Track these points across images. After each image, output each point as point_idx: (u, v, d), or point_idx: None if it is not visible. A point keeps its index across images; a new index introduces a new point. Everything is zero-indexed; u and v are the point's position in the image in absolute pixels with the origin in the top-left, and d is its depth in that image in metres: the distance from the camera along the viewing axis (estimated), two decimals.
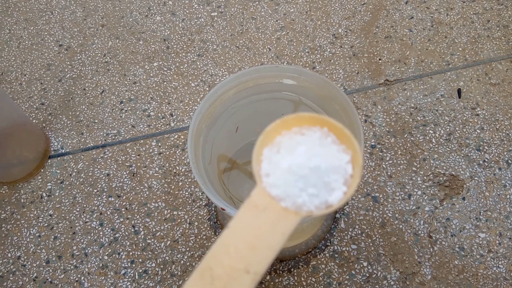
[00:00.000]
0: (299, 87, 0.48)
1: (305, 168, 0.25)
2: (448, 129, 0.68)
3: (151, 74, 0.76)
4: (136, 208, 0.64)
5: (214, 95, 0.47)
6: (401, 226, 0.61)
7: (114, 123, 0.71)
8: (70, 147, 0.70)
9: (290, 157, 0.25)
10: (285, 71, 0.47)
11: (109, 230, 0.63)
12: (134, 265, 0.60)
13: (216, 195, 0.42)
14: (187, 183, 0.65)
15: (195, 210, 0.63)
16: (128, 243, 0.61)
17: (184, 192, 0.65)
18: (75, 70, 0.77)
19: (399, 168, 0.65)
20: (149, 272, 0.60)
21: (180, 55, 0.78)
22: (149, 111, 0.72)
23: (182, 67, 0.76)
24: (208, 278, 0.23)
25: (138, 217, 0.63)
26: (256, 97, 0.50)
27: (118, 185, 0.66)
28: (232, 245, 0.24)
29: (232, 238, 0.24)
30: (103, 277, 0.60)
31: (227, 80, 0.47)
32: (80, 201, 0.65)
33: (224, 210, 0.40)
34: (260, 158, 0.26)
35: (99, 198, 0.65)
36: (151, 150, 0.68)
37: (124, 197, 0.65)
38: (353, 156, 0.26)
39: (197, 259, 0.60)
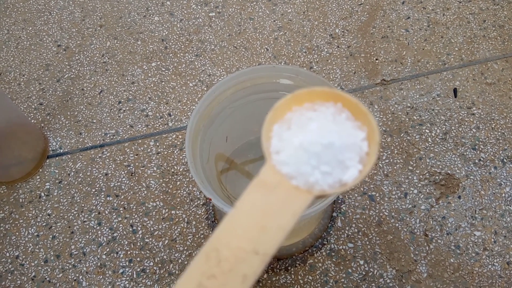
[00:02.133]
0: (296, 87, 0.49)
1: (318, 145, 0.23)
2: (444, 128, 0.68)
3: (149, 74, 0.76)
4: (134, 207, 0.64)
5: (212, 95, 0.47)
6: (397, 225, 0.61)
7: (112, 123, 0.72)
8: (68, 147, 0.70)
9: (301, 133, 0.24)
10: (282, 71, 0.48)
11: (107, 230, 0.63)
12: (132, 264, 0.60)
13: (215, 195, 0.42)
14: (185, 183, 0.66)
15: (193, 209, 0.64)
16: (126, 242, 0.62)
17: (182, 191, 0.65)
18: (73, 70, 0.77)
19: (395, 167, 0.66)
20: (147, 271, 0.60)
21: (178, 55, 0.78)
22: (147, 111, 0.73)
23: (180, 67, 0.77)
24: (214, 260, 0.22)
25: (136, 216, 0.64)
26: (254, 97, 0.51)
27: (116, 184, 0.66)
28: (239, 225, 0.23)
29: (239, 218, 0.23)
30: (101, 276, 0.60)
31: (224, 80, 0.47)
32: (78, 200, 0.65)
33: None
34: (269, 135, 0.25)
35: (97, 198, 0.65)
36: (149, 150, 0.69)
37: (122, 197, 0.65)
38: (369, 133, 0.24)
39: None
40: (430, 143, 0.67)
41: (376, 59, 0.76)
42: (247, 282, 0.22)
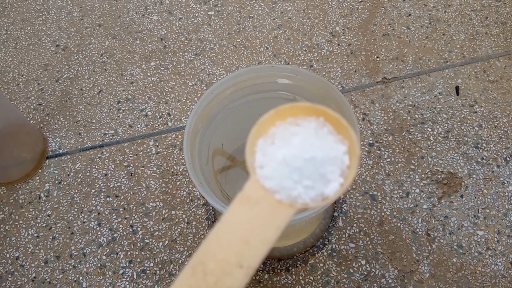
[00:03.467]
0: (295, 87, 0.48)
1: (300, 160, 0.24)
2: (446, 127, 0.68)
3: (148, 74, 0.76)
4: (134, 208, 0.64)
5: (210, 95, 0.47)
6: (399, 224, 0.61)
7: (112, 123, 0.71)
8: (67, 147, 0.70)
9: (284, 148, 0.24)
10: (281, 71, 0.47)
11: (107, 230, 0.63)
12: (132, 265, 0.60)
13: (213, 196, 0.42)
14: (185, 183, 0.65)
15: (193, 210, 0.63)
16: (126, 243, 0.62)
17: (182, 191, 0.65)
18: (72, 70, 0.77)
19: (397, 166, 0.65)
20: (148, 271, 0.60)
21: (177, 54, 0.78)
22: (146, 110, 0.72)
23: (179, 66, 0.76)
24: (200, 273, 0.23)
25: (136, 217, 0.63)
26: (253, 97, 0.50)
27: (116, 185, 0.66)
28: (224, 239, 0.24)
29: (224, 232, 0.24)
30: (101, 277, 0.60)
31: (223, 80, 0.47)
32: (78, 201, 0.65)
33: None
34: (254, 149, 0.26)
35: (97, 198, 0.65)
36: (148, 150, 0.68)
37: (122, 197, 0.65)
38: (350, 146, 0.25)
39: None
40: (432, 141, 0.67)
41: (377, 57, 0.75)
42: None
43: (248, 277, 0.23)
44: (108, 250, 0.61)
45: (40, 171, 0.68)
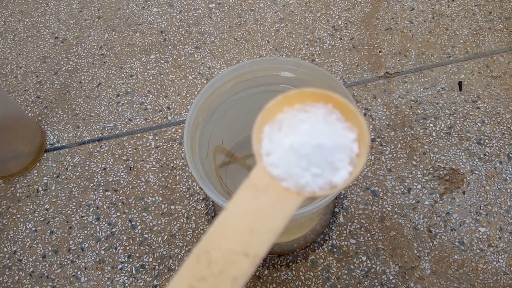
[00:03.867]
0: (298, 80, 0.47)
1: (308, 147, 0.23)
2: (448, 123, 0.67)
3: (148, 67, 0.75)
4: (133, 202, 0.63)
5: (211, 88, 0.46)
6: (400, 221, 0.60)
7: (111, 117, 0.70)
8: (66, 140, 0.69)
9: (292, 135, 0.24)
10: (284, 64, 0.46)
11: (105, 225, 0.62)
12: (131, 260, 0.60)
13: (213, 190, 0.41)
14: (185, 177, 0.65)
15: (192, 205, 0.63)
16: (125, 238, 0.61)
17: (181, 186, 0.64)
18: (71, 63, 0.76)
19: (398, 162, 0.64)
20: (146, 266, 0.59)
21: (178, 47, 0.77)
22: (146, 104, 0.71)
23: (179, 59, 0.75)
24: (205, 262, 0.22)
25: (135, 211, 0.63)
26: (254, 90, 0.50)
27: (114, 179, 0.65)
28: (230, 228, 0.23)
29: (230, 220, 0.23)
30: (100, 272, 0.59)
31: (224, 73, 0.46)
32: (77, 195, 0.64)
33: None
34: (260, 136, 0.25)
35: (96, 192, 0.64)
36: (148, 144, 0.68)
37: (121, 191, 0.64)
38: (359, 134, 0.24)
39: None
40: (434, 137, 0.66)
41: (380, 52, 0.74)
42: (237, 284, 0.22)
43: (254, 266, 0.22)
44: (106, 245, 0.61)
45: (38, 164, 0.67)
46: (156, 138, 0.68)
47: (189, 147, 0.42)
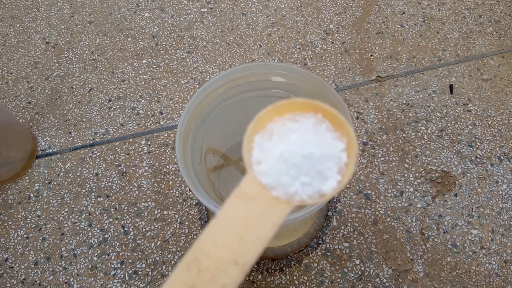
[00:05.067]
0: (289, 85, 0.47)
1: (298, 156, 0.23)
2: (440, 125, 0.67)
3: (140, 72, 0.75)
4: (126, 208, 0.63)
5: (203, 94, 0.46)
6: (393, 223, 0.61)
7: (103, 122, 0.70)
8: (57, 146, 0.68)
9: (282, 144, 0.24)
10: (275, 69, 0.47)
11: (98, 231, 0.62)
12: (124, 266, 0.59)
13: (206, 196, 0.41)
14: (177, 182, 0.64)
15: (185, 210, 0.63)
16: (117, 244, 0.61)
17: (174, 191, 0.64)
18: (62, 68, 0.76)
19: (391, 165, 0.65)
20: (139, 273, 0.59)
21: (170, 52, 0.77)
22: (138, 109, 0.71)
23: (171, 64, 0.75)
24: (195, 270, 0.22)
25: (127, 217, 0.62)
26: (246, 95, 0.50)
27: (107, 185, 0.65)
28: (220, 236, 0.23)
29: (220, 228, 0.23)
30: (92, 278, 0.59)
31: (216, 78, 0.46)
32: (68, 201, 0.64)
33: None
34: (251, 145, 0.25)
35: (88, 198, 0.64)
36: (140, 149, 0.67)
37: (113, 197, 0.64)
38: (348, 143, 0.25)
39: None
40: (426, 140, 0.66)
41: (371, 55, 0.75)
42: None
43: (243, 274, 0.22)
44: (99, 251, 0.60)
45: (29, 170, 0.66)
46: (149, 143, 0.68)
47: (181, 153, 0.42)
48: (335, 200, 0.63)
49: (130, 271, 0.59)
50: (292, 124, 0.25)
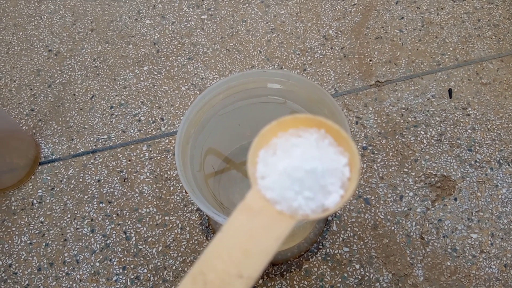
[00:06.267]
0: (287, 91, 0.48)
1: (301, 171, 0.24)
2: (439, 130, 0.68)
3: (141, 78, 0.75)
4: (128, 213, 0.64)
5: (202, 101, 0.47)
6: (393, 228, 0.61)
7: (105, 128, 0.71)
8: (60, 153, 0.69)
9: (286, 159, 0.25)
10: (273, 76, 0.47)
11: (100, 237, 0.62)
12: (126, 271, 0.60)
13: (205, 202, 0.42)
14: (179, 188, 0.65)
15: (186, 215, 0.63)
16: (119, 249, 0.61)
17: (175, 197, 0.64)
18: (64, 75, 0.77)
19: (390, 170, 0.65)
20: (141, 278, 0.59)
21: (170, 58, 0.77)
22: (139, 115, 0.72)
23: (172, 70, 0.76)
24: (200, 283, 0.23)
25: (129, 223, 0.63)
26: (245, 102, 0.50)
27: (109, 191, 0.65)
28: (225, 249, 0.24)
29: (225, 242, 0.24)
30: (95, 284, 0.59)
31: (215, 86, 0.47)
32: (71, 207, 0.65)
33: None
34: (255, 160, 0.26)
35: (90, 204, 0.65)
36: (142, 155, 0.68)
37: (115, 203, 0.64)
38: (351, 158, 0.25)
39: (189, 264, 0.60)
40: (425, 144, 0.67)
41: (370, 60, 0.75)
42: None
43: (248, 287, 0.23)
44: (101, 257, 0.61)
45: (32, 177, 0.67)
46: (150, 149, 0.69)
47: (180, 161, 0.43)
48: None
49: (132, 277, 0.59)
50: (296, 139, 0.26)
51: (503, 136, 0.67)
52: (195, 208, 0.63)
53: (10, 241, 0.63)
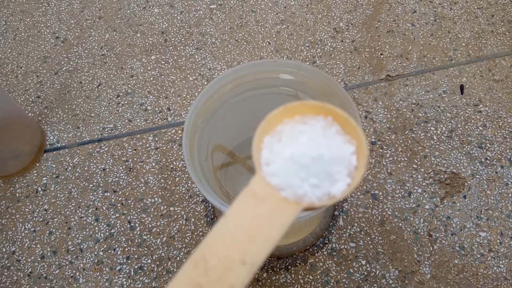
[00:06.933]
0: (298, 83, 0.47)
1: (308, 157, 0.24)
2: (450, 126, 0.67)
3: (149, 68, 0.75)
4: (132, 203, 0.63)
5: (211, 90, 0.46)
6: (400, 224, 0.60)
7: (111, 117, 0.70)
8: (66, 141, 0.69)
9: (292, 146, 0.24)
10: (284, 66, 0.46)
11: (104, 226, 0.62)
12: (129, 261, 0.59)
13: (212, 193, 0.41)
14: (184, 179, 0.64)
15: (191, 206, 0.62)
16: (123, 239, 0.61)
17: (181, 187, 0.64)
18: (71, 63, 0.76)
19: (399, 165, 0.64)
20: (145, 268, 0.59)
21: (178, 48, 0.77)
22: (146, 105, 0.71)
23: (180, 60, 0.75)
24: (202, 269, 0.22)
25: (134, 212, 0.62)
26: (254, 92, 0.49)
27: (114, 180, 0.65)
28: (228, 235, 0.23)
29: (228, 227, 0.23)
30: (98, 273, 0.59)
31: (223, 75, 0.46)
32: (76, 196, 0.64)
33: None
34: (260, 146, 0.25)
35: (95, 193, 0.64)
36: (147, 145, 0.67)
37: (120, 192, 0.64)
38: (358, 147, 0.25)
39: None
40: (435, 141, 0.66)
41: (381, 54, 0.74)
42: None
43: (251, 274, 0.22)
44: (105, 246, 0.61)
45: (37, 164, 0.67)
46: (156, 139, 0.68)
47: (187, 150, 0.42)
48: (341, 199, 0.62)
49: (136, 267, 0.59)
50: (302, 127, 0.25)
51: None
52: (201, 200, 0.63)
53: (13, 228, 0.62)
